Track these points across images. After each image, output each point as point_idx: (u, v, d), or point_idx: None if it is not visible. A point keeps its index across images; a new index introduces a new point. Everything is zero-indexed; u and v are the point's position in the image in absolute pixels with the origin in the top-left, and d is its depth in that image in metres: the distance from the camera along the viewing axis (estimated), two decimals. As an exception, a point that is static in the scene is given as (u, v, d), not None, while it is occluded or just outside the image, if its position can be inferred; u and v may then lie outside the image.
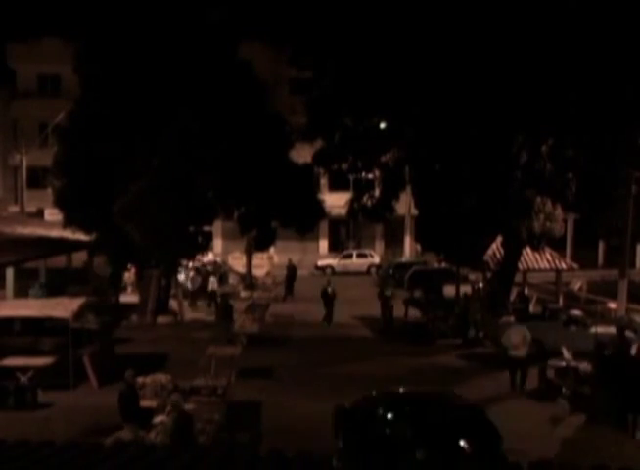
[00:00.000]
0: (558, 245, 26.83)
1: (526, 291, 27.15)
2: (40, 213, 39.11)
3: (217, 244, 43.75)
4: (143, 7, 22.42)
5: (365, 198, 24.87)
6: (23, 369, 15.86)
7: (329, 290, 25.92)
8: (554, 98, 19.02)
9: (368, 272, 40.61)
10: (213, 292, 28.70)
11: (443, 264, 31.02)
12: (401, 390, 13.32)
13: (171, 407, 11.57)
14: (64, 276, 28.19)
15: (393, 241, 46.00)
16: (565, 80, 18.73)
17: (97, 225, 23.32)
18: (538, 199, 21.55)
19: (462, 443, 10.66)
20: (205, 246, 26.71)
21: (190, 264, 31.09)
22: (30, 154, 35.64)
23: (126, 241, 21.83)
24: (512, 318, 21.61)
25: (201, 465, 6.30)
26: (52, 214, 32.77)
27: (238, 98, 22.28)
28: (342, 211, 26.47)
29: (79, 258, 29.70)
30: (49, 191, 26.87)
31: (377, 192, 24.94)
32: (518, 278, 26.08)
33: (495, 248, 24.74)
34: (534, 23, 18.65)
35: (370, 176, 26.09)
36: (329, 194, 34.00)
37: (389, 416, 11.70)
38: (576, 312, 22.27)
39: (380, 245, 46.70)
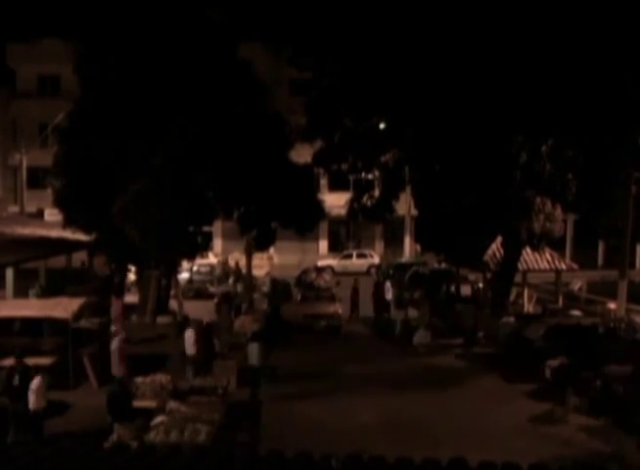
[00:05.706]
0: (558, 245, 26.81)
1: (526, 291, 27.14)
2: (40, 214, 39.15)
3: (217, 244, 43.76)
4: (143, 7, 22.42)
5: (365, 198, 24.88)
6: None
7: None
8: (554, 98, 19.02)
9: (368, 272, 40.57)
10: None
11: (443, 265, 31.01)
12: None
13: None
14: (63, 276, 28.15)
15: (393, 241, 45.97)
16: (565, 80, 18.73)
17: (97, 225, 23.28)
18: (538, 199, 21.54)
19: None
20: (205, 246, 26.67)
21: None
22: (30, 154, 35.66)
23: (126, 241, 21.79)
24: (512, 318, 21.63)
25: (201, 465, 6.30)
26: (52, 215, 32.76)
27: (238, 98, 22.25)
28: (342, 212, 26.47)
29: (80, 258, 29.69)
30: (49, 191, 26.84)
31: (377, 192, 24.95)
32: (518, 278, 26.08)
33: (495, 248, 24.74)
34: (534, 22, 18.65)
35: (370, 176, 26.08)
36: (329, 194, 34.00)
37: None
38: (576, 312, 22.28)
39: (380, 245, 46.70)
